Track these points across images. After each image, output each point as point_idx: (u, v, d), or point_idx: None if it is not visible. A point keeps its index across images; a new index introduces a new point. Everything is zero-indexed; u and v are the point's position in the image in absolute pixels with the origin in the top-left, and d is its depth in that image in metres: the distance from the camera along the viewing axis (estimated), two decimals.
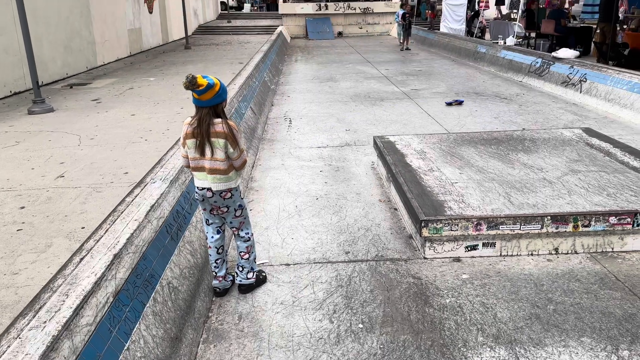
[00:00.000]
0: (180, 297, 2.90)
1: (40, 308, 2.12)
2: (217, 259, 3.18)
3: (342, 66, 14.28)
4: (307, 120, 7.79)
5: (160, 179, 3.54)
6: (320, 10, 25.38)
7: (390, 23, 26.50)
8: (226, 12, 31.16)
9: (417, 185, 4.14)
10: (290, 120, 7.83)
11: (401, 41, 18.11)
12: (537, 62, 10.59)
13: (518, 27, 14.07)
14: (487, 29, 18.68)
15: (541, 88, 9.92)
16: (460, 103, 8.50)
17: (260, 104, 8.20)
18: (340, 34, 25.73)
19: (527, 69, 10.88)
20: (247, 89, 7.85)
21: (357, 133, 7.01)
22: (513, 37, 13.36)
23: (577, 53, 9.97)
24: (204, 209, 3.09)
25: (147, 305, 2.59)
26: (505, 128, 7.01)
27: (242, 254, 3.20)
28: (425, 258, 3.59)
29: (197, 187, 2.99)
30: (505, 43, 13.03)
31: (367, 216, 4.32)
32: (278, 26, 25.53)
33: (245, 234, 3.17)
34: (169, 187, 3.47)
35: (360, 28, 26.32)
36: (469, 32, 16.70)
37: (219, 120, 2.85)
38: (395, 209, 4.46)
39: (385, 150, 5.12)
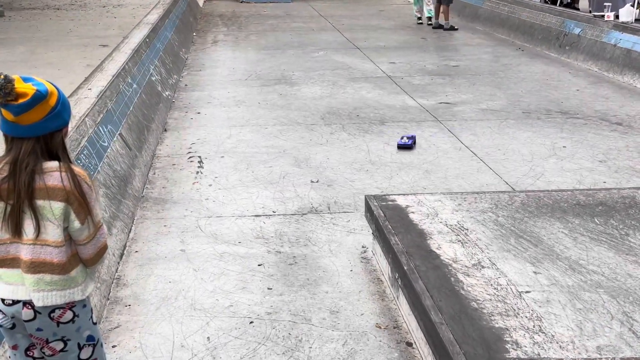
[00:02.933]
0: None
1: None
2: None
3: (305, 55, 14.57)
4: (234, 161, 7.87)
5: None
6: None
7: None
8: None
9: (452, 296, 4.16)
10: (200, 161, 7.88)
11: (423, 13, 18.63)
12: None
13: None
14: None
15: None
16: (407, 147, 8.33)
17: (140, 127, 8.24)
18: None
19: None
20: (115, 98, 7.89)
21: (333, 188, 7.11)
22: (633, 6, 14.01)
23: None
24: (13, 347, 3.09)
25: None
26: (620, 182, 7.20)
27: None
28: None
29: (3, 302, 2.96)
30: (617, 18, 13.66)
31: None
32: None
33: None
34: None
35: None
36: None
37: (55, 165, 2.90)
38: (410, 345, 4.47)
39: (390, 224, 5.17)
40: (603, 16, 13.73)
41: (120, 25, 14.83)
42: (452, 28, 17.63)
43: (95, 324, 3.14)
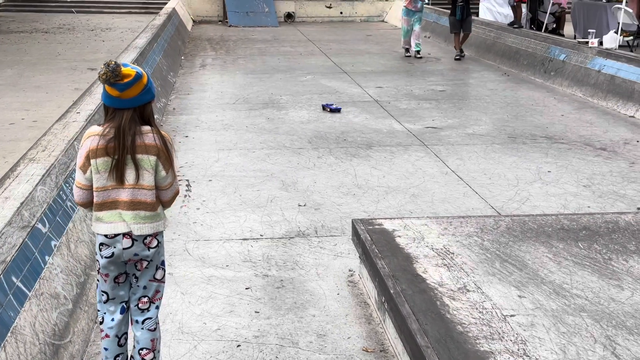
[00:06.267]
0: None
1: None
2: (118, 356, 3.97)
3: (293, 79, 14.63)
4: (222, 185, 7.90)
5: None
6: None
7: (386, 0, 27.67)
8: None
9: (438, 320, 4.19)
10: (188, 185, 7.90)
11: (406, 43, 17.76)
12: None
13: (626, 15, 14.99)
14: (566, 15, 19.77)
15: None
16: (336, 110, 11.48)
17: None
18: (290, 16, 26.62)
19: None
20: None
21: (320, 211, 7.15)
22: (617, 32, 14.18)
23: None
24: (106, 275, 3.88)
25: None
26: (604, 206, 7.28)
27: (145, 352, 3.97)
28: None
29: (105, 236, 3.78)
30: (601, 44, 13.81)
31: None
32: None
33: (156, 315, 4.01)
34: None
35: (329, 7, 27.34)
36: (534, 21, 17.64)
37: (149, 128, 3.78)
38: None
39: (377, 247, 5.20)
40: (587, 42, 13.90)
41: (108, 49, 14.92)
42: (461, 56, 17.36)
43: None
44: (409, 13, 17.36)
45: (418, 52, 17.55)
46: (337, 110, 11.46)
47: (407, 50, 17.85)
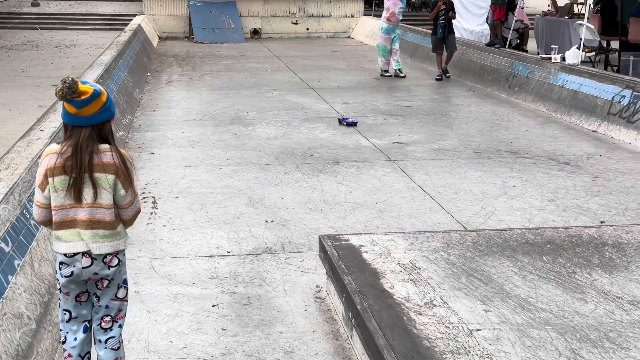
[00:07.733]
0: None
1: None
2: None
3: (259, 95, 14.65)
4: (188, 202, 7.87)
5: None
6: None
7: (352, 16, 27.84)
8: None
9: (405, 335, 4.20)
10: (154, 202, 7.86)
11: (386, 63, 17.22)
12: (625, 97, 11.38)
13: (588, 31, 15.20)
14: (529, 31, 19.99)
15: (633, 144, 10.62)
16: (353, 124, 11.70)
17: None
18: (256, 33, 26.67)
19: (607, 108, 11.66)
20: None
21: (287, 227, 7.14)
22: (579, 48, 14.36)
23: None
24: (67, 293, 3.88)
25: None
26: (568, 221, 7.35)
27: None
28: None
29: (65, 255, 3.77)
30: (564, 60, 13.99)
31: None
32: (135, 15, 26.06)
33: (119, 334, 4.01)
34: None
35: (296, 23, 27.45)
36: (498, 37, 17.80)
37: (107, 146, 3.78)
38: None
39: (344, 263, 5.21)
40: (550, 58, 14.07)
41: (73, 65, 14.83)
42: (446, 74, 16.96)
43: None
44: (389, 31, 16.84)
45: (400, 70, 17.16)
46: (354, 124, 11.73)
47: (387, 71, 17.26)
